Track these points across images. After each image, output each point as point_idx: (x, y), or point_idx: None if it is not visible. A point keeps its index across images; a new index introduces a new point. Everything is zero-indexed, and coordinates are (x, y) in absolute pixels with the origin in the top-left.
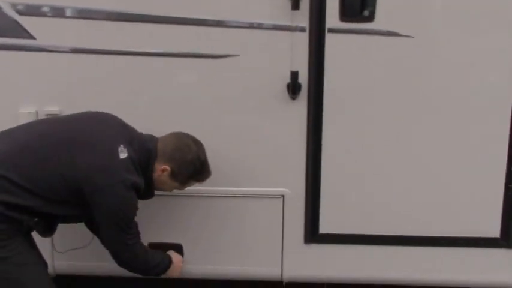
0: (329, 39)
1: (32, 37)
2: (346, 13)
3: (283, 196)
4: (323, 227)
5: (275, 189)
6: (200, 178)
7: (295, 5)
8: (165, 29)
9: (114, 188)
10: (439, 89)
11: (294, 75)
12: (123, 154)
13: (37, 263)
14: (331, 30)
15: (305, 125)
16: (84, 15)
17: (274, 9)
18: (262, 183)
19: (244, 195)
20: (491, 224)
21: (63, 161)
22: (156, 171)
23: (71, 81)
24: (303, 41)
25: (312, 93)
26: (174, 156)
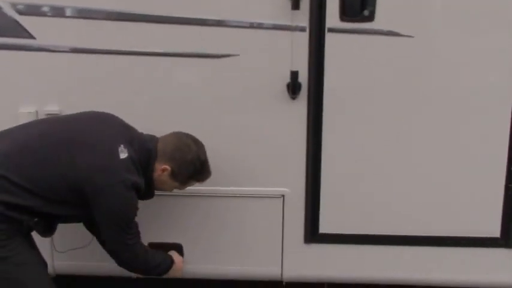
0: (329, 39)
1: (32, 37)
2: (347, 13)
3: (283, 196)
4: (323, 227)
5: (275, 189)
6: (200, 178)
7: (296, 5)
8: (165, 29)
9: (115, 188)
10: (439, 89)
11: (294, 75)
12: (124, 154)
13: (37, 263)
14: (331, 30)
15: (305, 125)
16: (84, 15)
17: (275, 9)
18: (262, 183)
19: (244, 195)
20: (491, 224)
21: (63, 161)
22: (156, 171)
23: (71, 81)
24: (303, 40)
25: (312, 93)
26: (174, 156)
